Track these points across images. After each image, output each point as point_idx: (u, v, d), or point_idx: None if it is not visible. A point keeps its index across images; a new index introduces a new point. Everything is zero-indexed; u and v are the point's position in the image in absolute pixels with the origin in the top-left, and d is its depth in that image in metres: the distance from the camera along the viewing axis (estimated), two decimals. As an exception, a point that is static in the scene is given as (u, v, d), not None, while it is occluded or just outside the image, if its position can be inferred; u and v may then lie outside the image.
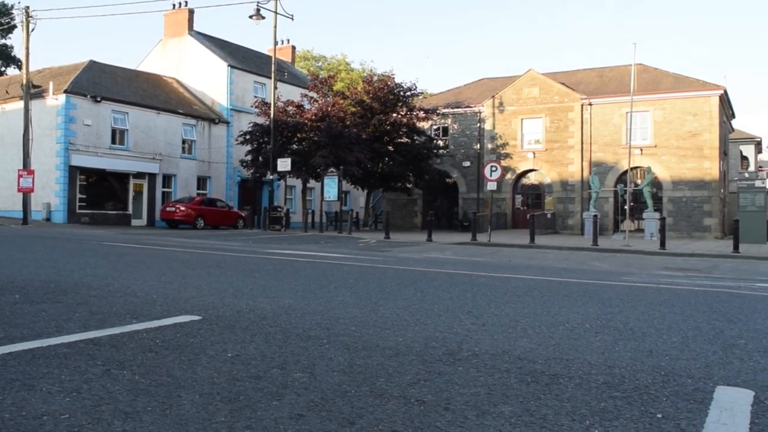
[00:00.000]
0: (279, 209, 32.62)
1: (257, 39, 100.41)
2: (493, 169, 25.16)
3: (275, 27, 33.38)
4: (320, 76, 38.70)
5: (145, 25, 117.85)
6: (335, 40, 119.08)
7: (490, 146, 38.80)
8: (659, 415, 3.03)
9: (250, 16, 32.36)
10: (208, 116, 38.81)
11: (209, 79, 40.23)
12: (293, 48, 52.26)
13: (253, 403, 3.01)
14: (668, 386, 3.57)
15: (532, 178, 38.95)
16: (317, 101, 35.05)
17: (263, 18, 32.65)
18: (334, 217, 33.54)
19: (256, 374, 3.53)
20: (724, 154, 37.38)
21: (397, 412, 2.94)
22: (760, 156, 56.79)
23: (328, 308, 6.03)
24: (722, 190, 35.87)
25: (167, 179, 36.72)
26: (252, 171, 34.88)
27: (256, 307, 5.90)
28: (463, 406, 3.06)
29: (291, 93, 39.05)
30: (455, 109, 40.00)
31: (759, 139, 53.02)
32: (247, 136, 34.17)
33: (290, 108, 34.76)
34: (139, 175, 34.99)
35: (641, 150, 34.41)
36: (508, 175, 37.75)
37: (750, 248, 22.33)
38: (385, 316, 5.70)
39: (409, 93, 36.47)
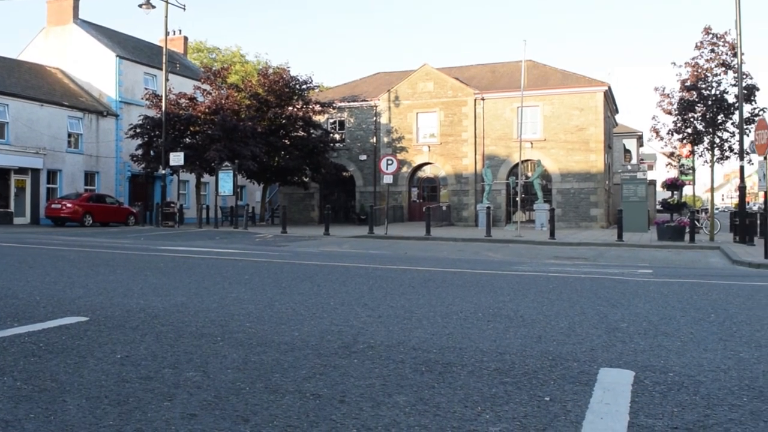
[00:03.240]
0: (172, 205, 31.76)
1: (148, 29, 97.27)
2: (389, 162, 25.38)
3: (166, 17, 32.46)
4: (214, 68, 37.86)
5: (26, 11, 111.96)
6: (229, 32, 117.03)
7: (386, 140, 39.12)
8: (547, 398, 3.15)
9: (140, 5, 31.30)
10: (96, 109, 37.28)
11: (96, 70, 38.60)
12: (185, 39, 50.87)
13: (143, 404, 2.93)
14: (556, 370, 3.71)
15: (427, 172, 39.53)
16: (211, 94, 34.30)
17: (153, 7, 31.65)
18: (230, 213, 32.92)
19: (147, 375, 3.43)
20: (608, 147, 39.13)
21: (293, 407, 2.92)
22: (641, 149, 59.74)
23: (223, 305, 5.93)
24: (607, 182, 37.55)
25: (52, 175, 35.03)
26: (143, 166, 33.79)
27: (146, 306, 5.74)
28: (358, 398, 3.08)
29: (183, 85, 38.05)
30: (351, 103, 40.06)
31: (640, 134, 55.76)
32: (138, 130, 33.04)
33: (183, 101, 33.86)
34: (22, 171, 33.16)
35: (531, 144, 35.54)
36: (404, 169, 38.19)
37: (633, 236, 23.50)
38: (280, 311, 5.66)
39: (304, 86, 36.24)
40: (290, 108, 35.33)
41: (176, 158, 30.54)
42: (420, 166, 39.25)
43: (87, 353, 3.91)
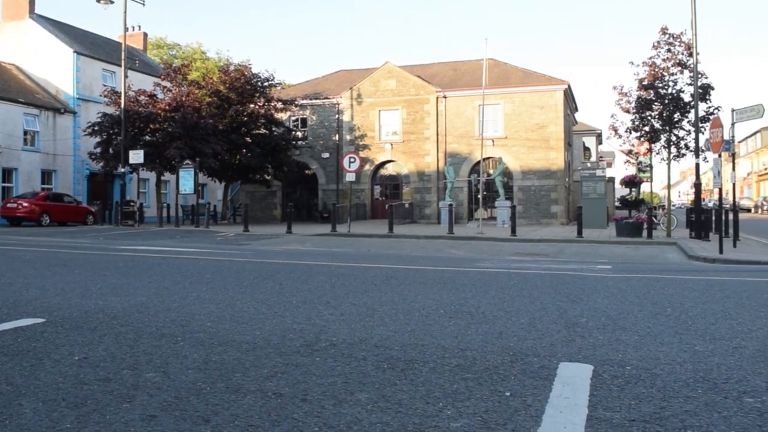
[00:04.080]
0: (132, 203, 31.29)
1: (106, 25, 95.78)
2: (352, 160, 25.36)
3: (125, 12, 31.93)
4: (174, 65, 37.34)
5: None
6: (190, 29, 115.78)
7: (348, 138, 39.06)
8: (507, 393, 3.18)
9: (98, 0, 30.77)
10: (53, 106, 36.56)
11: (53, 67, 37.83)
12: (145, 35, 50.15)
13: (101, 406, 2.89)
14: (516, 365, 3.75)
15: (390, 169, 39.57)
16: (171, 91, 33.86)
17: (112, 2, 31.17)
18: (191, 211, 32.57)
19: (105, 376, 3.38)
20: (568, 145, 39.59)
21: (254, 407, 2.91)
22: (600, 147, 60.57)
23: (183, 305, 5.88)
24: (567, 179, 38.00)
25: (7, 173, 34.26)
26: (102, 164, 33.21)
27: (105, 307, 5.65)
28: (320, 396, 3.08)
29: (143, 82, 37.50)
30: (313, 101, 39.90)
31: (599, 132, 56.54)
32: (96, 127, 32.46)
33: (142, 97, 33.35)
34: (-25, 170, 32.45)
35: (493, 141, 35.77)
36: (367, 166, 38.17)
37: (592, 233, 23.81)
38: (242, 310, 5.63)
39: (266, 83, 35.97)
40: (252, 105, 35.06)
41: (136, 156, 30.11)
42: (383, 164, 39.27)
43: (44, 355, 3.84)
